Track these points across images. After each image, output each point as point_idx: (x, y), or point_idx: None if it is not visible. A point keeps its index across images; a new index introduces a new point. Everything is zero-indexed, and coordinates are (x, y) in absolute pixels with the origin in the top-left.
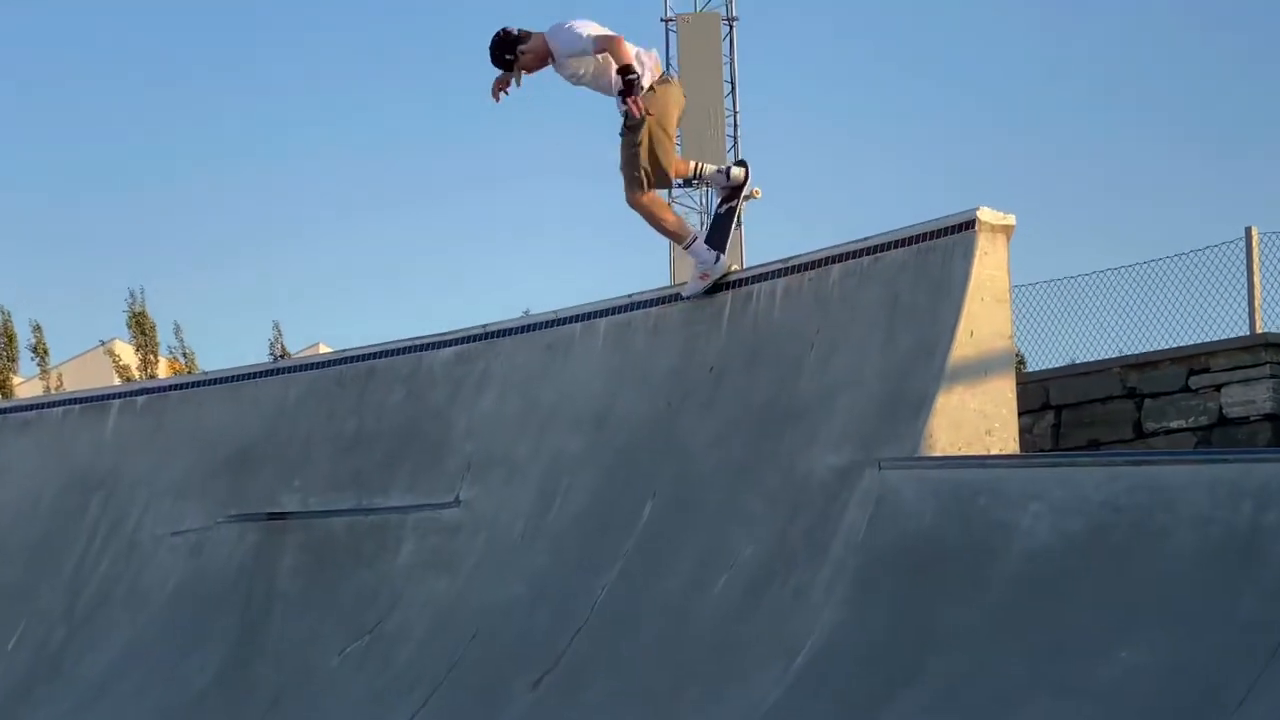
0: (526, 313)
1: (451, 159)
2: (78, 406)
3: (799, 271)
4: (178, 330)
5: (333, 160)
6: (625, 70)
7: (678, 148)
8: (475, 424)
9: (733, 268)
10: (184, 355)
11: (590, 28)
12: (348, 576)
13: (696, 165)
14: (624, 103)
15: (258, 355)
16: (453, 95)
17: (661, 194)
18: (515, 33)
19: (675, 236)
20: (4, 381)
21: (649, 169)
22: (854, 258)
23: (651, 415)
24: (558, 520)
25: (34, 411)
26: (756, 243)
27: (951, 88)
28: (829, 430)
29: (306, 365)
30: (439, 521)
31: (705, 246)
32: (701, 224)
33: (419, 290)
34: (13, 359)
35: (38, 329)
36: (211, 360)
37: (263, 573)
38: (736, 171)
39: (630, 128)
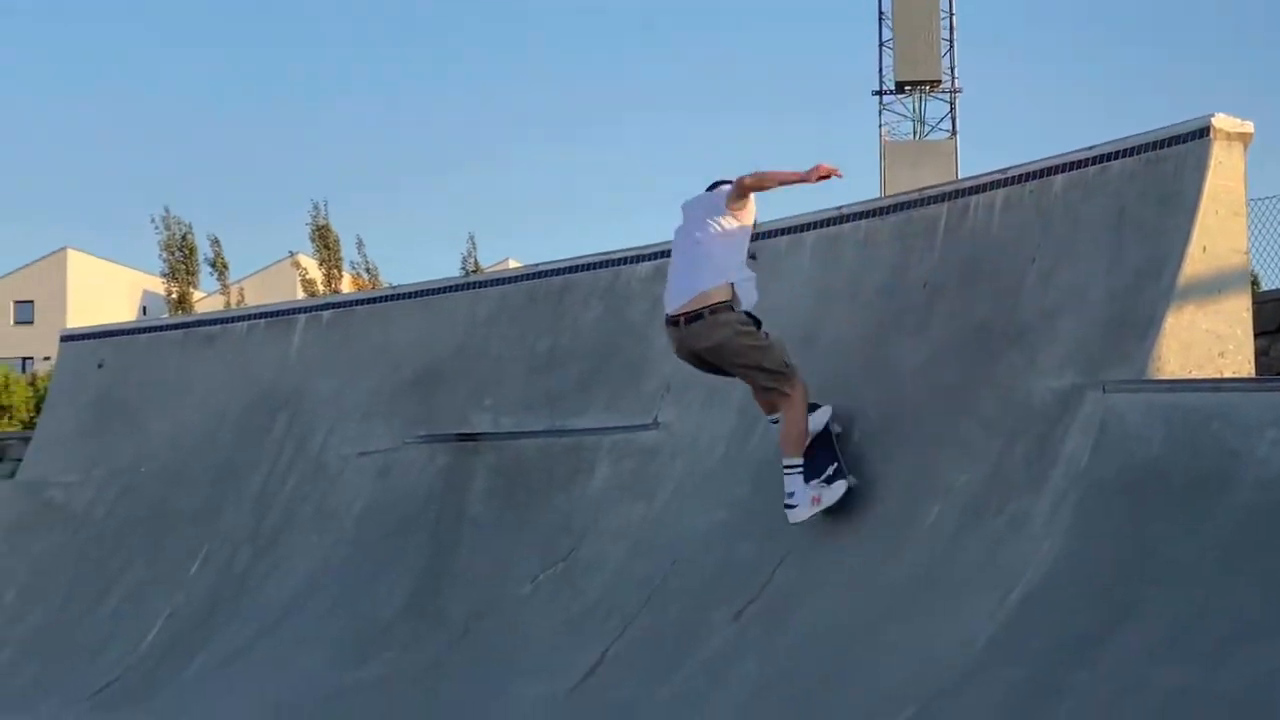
0: None
1: (649, 72)
2: (263, 321)
3: (1019, 182)
4: (360, 245)
5: (527, 74)
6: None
7: None
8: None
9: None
10: (367, 270)
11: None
12: (540, 500)
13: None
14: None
15: (443, 271)
16: (650, 8)
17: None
18: None
19: (796, 444)
20: (184, 296)
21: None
22: (1078, 168)
23: (861, 334)
24: (761, 445)
25: (218, 326)
26: (972, 151)
27: None
28: (1050, 351)
29: (498, 280)
30: (636, 444)
31: (814, 481)
32: (916, 132)
33: (615, 204)
34: (193, 273)
35: (216, 243)
36: (395, 276)
37: (452, 496)
38: (815, 416)
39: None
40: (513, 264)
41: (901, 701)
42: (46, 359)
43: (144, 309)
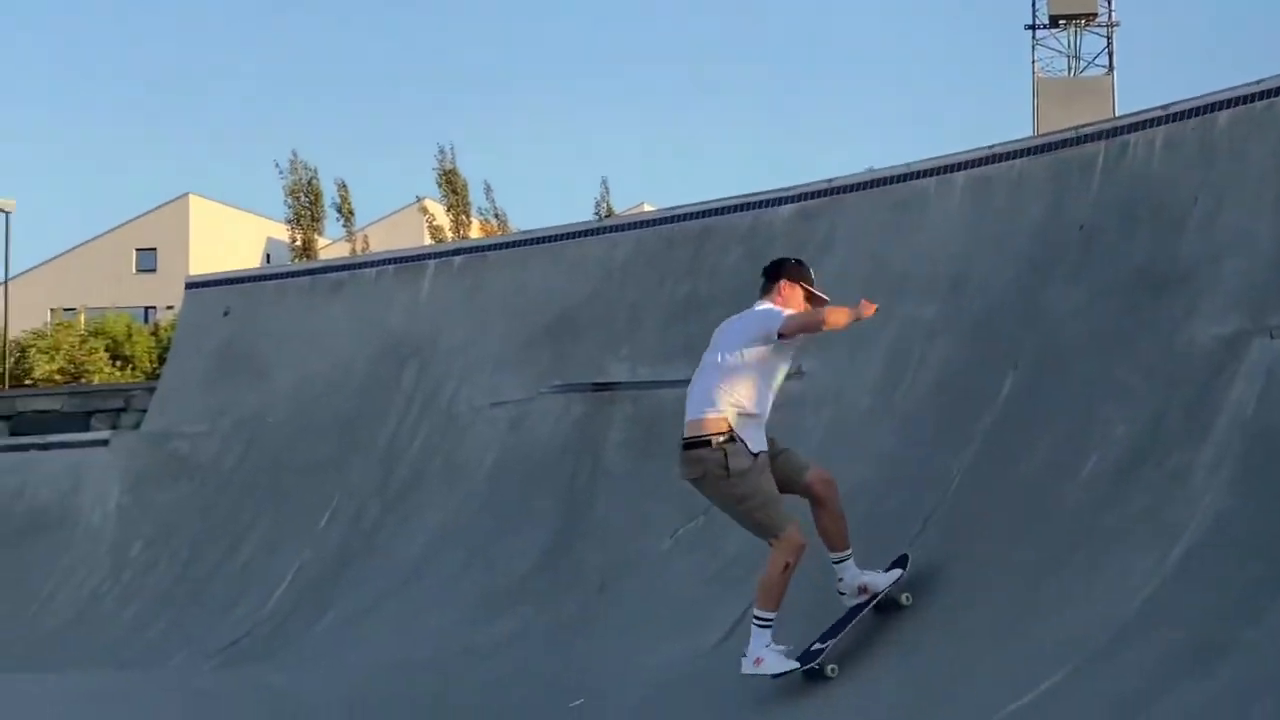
0: (870, 169)
1: (789, 9)
2: (391, 267)
3: (1180, 119)
4: (488, 190)
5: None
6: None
7: None
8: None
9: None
10: (495, 216)
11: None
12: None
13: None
14: None
15: (574, 217)
16: None
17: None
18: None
19: (766, 597)
20: (308, 243)
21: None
22: (1244, 103)
23: (1013, 279)
24: (909, 395)
25: (347, 272)
26: (1130, 88)
27: None
28: (1214, 296)
29: (634, 224)
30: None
31: (769, 637)
32: (1070, 68)
33: (752, 145)
34: (318, 218)
35: (342, 187)
36: (523, 222)
37: (588, 448)
38: (883, 577)
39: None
40: (647, 209)
41: (1059, 659)
42: (169, 308)
43: (268, 256)
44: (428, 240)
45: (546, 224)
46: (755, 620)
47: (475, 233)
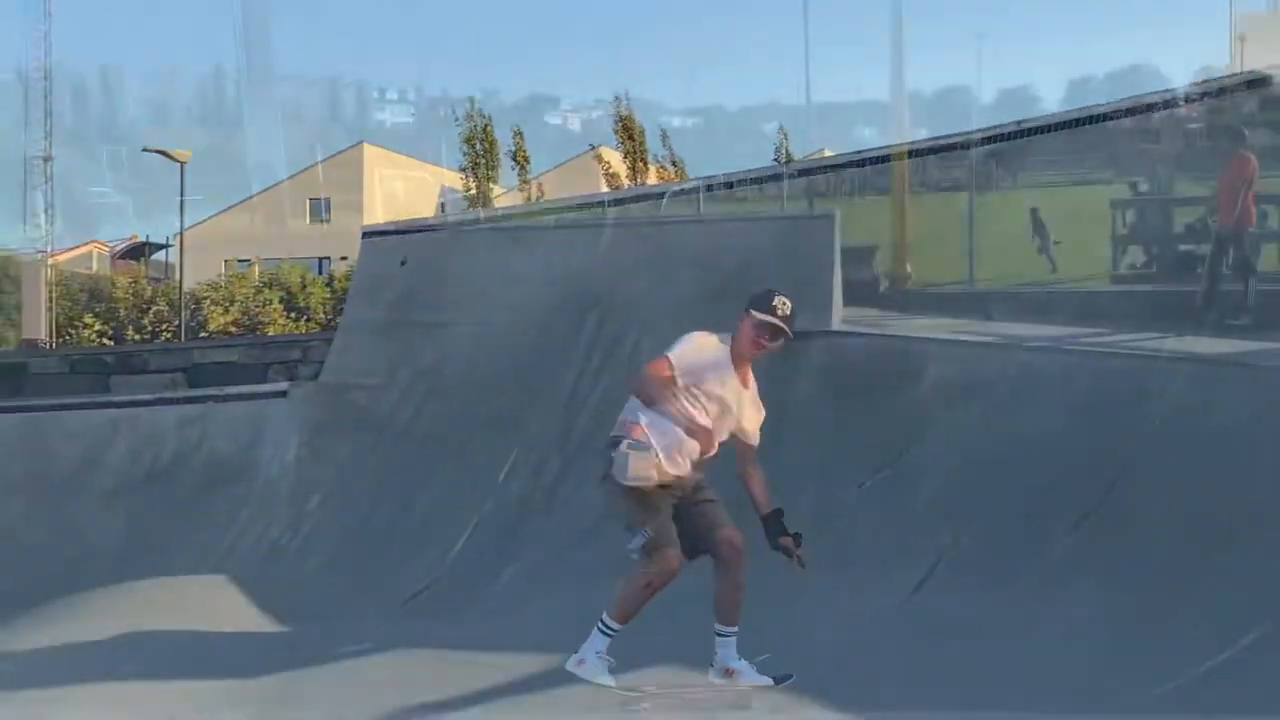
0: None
1: None
2: (571, 216)
3: None
4: (664, 138)
5: None
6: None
7: None
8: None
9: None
10: (673, 164)
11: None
12: (867, 402)
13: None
14: None
15: (751, 165)
16: None
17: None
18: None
19: (618, 607)
20: (483, 191)
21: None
22: None
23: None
24: (1099, 350)
25: (525, 221)
26: None
27: None
28: None
29: (815, 170)
30: (966, 344)
31: (604, 645)
32: None
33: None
34: (493, 167)
35: (518, 134)
36: (700, 170)
37: (774, 398)
38: (755, 676)
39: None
40: (827, 154)
41: (1258, 614)
42: (343, 259)
43: (442, 205)
44: (603, 188)
45: (722, 168)
46: (599, 623)
47: (652, 179)
